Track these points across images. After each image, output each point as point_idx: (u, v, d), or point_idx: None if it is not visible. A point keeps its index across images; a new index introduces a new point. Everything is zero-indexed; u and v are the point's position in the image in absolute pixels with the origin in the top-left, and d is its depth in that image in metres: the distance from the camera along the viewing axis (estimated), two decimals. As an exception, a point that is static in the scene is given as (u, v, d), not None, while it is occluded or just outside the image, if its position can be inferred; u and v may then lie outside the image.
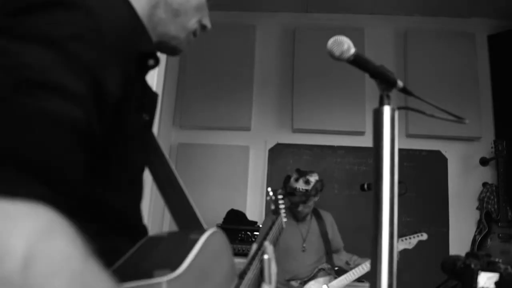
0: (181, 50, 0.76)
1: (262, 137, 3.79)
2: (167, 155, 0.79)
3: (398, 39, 3.91)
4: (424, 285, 2.81)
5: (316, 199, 2.53)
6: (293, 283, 2.46)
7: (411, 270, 3.10)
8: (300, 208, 2.49)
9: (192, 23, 0.73)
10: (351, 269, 2.48)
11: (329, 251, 2.66)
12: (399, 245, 2.49)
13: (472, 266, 1.00)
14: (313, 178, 2.48)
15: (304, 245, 2.56)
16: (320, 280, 2.45)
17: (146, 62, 0.62)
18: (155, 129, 2.25)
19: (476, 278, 0.99)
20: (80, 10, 0.43)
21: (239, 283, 0.80)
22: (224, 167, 3.66)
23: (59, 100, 0.37)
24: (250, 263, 0.89)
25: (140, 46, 0.60)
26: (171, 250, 0.64)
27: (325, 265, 2.53)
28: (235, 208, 3.42)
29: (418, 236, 2.51)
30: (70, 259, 0.33)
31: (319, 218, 2.68)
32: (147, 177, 0.75)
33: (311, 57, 3.70)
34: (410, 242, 2.51)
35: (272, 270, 0.93)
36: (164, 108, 3.43)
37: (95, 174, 0.49)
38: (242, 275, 0.83)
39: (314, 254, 2.56)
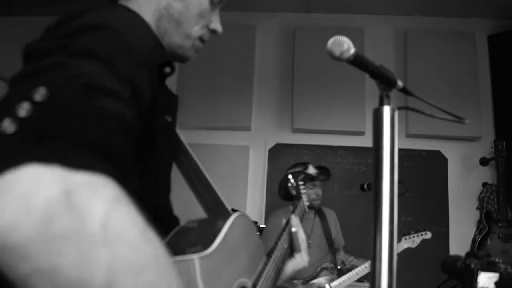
0: (189, 57, 0.80)
1: (262, 137, 3.79)
2: (191, 151, 0.88)
3: (398, 39, 3.91)
4: (424, 285, 2.81)
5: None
6: (295, 281, 2.46)
7: (411, 270, 3.10)
8: (319, 192, 2.59)
9: (196, 30, 0.76)
10: (346, 269, 2.49)
11: (332, 250, 2.66)
12: (403, 244, 2.49)
13: (472, 266, 1.00)
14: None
15: (310, 241, 2.56)
16: (322, 279, 2.45)
17: (163, 70, 0.68)
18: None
19: (476, 278, 0.99)
20: (114, 31, 0.53)
21: (267, 261, 0.88)
22: (224, 167, 3.66)
23: (113, 101, 0.47)
24: (276, 243, 0.97)
25: (159, 57, 0.67)
26: (202, 232, 0.70)
27: (328, 264, 2.53)
28: (235, 208, 3.41)
29: (422, 234, 2.51)
30: (137, 221, 0.41)
31: (322, 216, 2.69)
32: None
33: (311, 57, 3.70)
34: (414, 240, 2.50)
35: (300, 239, 1.04)
36: (164, 108, 3.43)
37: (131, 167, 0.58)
38: (270, 254, 0.92)
39: (317, 252, 2.56)
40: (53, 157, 0.38)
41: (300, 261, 1.03)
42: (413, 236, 2.51)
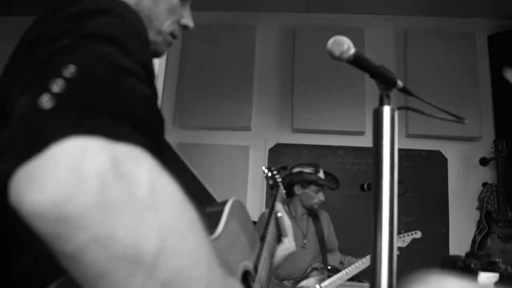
0: (161, 52, 0.81)
1: (262, 137, 3.79)
2: (175, 146, 0.89)
3: (398, 39, 3.91)
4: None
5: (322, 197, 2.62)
6: (286, 283, 2.46)
7: (411, 270, 3.10)
8: (321, 197, 2.57)
9: (166, 26, 0.78)
10: (344, 268, 2.47)
11: (324, 251, 2.66)
12: None
13: (472, 266, 1.00)
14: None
15: (305, 241, 2.56)
16: (312, 280, 2.44)
17: None
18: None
19: (476, 278, 0.99)
20: (119, 16, 0.54)
21: (262, 245, 0.91)
22: (224, 167, 3.66)
23: (135, 80, 0.48)
24: (266, 228, 1.00)
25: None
26: (205, 220, 0.69)
27: (318, 265, 2.52)
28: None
29: (412, 234, 2.50)
30: (177, 189, 0.43)
31: (315, 217, 2.69)
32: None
33: (311, 57, 3.70)
34: (404, 240, 2.50)
35: (286, 224, 1.07)
36: (164, 108, 3.43)
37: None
38: (262, 238, 0.94)
39: (309, 253, 2.57)
40: (96, 129, 0.39)
41: (289, 245, 1.05)
42: (403, 236, 2.50)
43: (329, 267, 2.63)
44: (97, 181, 0.36)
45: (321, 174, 2.58)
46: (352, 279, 2.50)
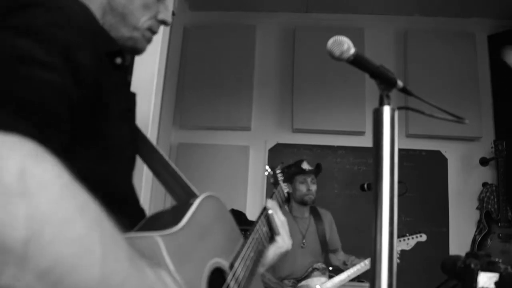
0: (141, 49, 0.81)
1: (262, 137, 3.79)
2: (156, 145, 0.87)
3: (398, 39, 3.91)
4: (424, 285, 2.80)
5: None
6: (286, 282, 2.46)
7: (411, 270, 3.10)
8: (311, 187, 2.56)
9: (143, 22, 0.77)
10: (347, 269, 2.46)
11: (325, 251, 2.66)
12: (397, 246, 2.45)
13: (472, 266, 1.00)
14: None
15: (304, 241, 2.56)
16: (314, 280, 2.43)
17: (114, 60, 0.69)
18: (155, 129, 2.24)
19: (476, 278, 0.99)
20: (52, 8, 0.56)
21: (245, 242, 0.86)
22: (224, 167, 3.66)
23: (42, 69, 0.50)
24: (254, 226, 0.94)
25: (106, 44, 0.69)
26: (172, 215, 0.69)
27: (320, 265, 2.51)
28: (235, 208, 3.42)
29: (417, 237, 2.46)
30: (60, 176, 0.40)
31: (317, 217, 2.68)
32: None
33: (311, 57, 3.70)
34: (408, 243, 2.45)
35: (278, 222, 1.00)
36: (164, 108, 3.42)
37: (82, 144, 0.60)
38: (246, 236, 0.89)
39: (310, 253, 2.56)
40: None
41: (282, 243, 0.99)
42: (408, 238, 2.45)
43: (330, 268, 2.63)
44: None
45: (304, 165, 2.56)
46: (352, 279, 2.49)
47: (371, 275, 0.60)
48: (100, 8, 0.73)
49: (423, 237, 2.47)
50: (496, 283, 0.98)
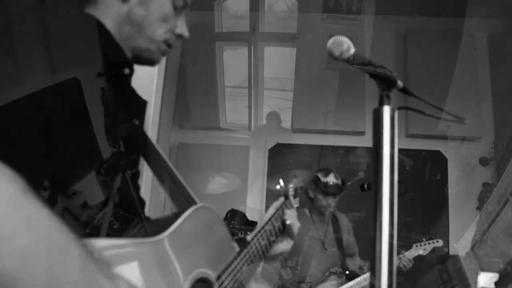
0: (156, 60, 0.82)
1: (262, 137, 3.78)
2: (161, 150, 0.89)
3: (398, 39, 3.90)
4: (424, 286, 2.81)
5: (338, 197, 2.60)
6: (303, 285, 2.44)
7: (411, 270, 3.10)
8: (330, 201, 2.53)
9: (160, 34, 0.78)
10: (363, 274, 2.44)
11: (343, 255, 2.65)
12: (414, 251, 2.47)
13: (472, 266, 1.00)
14: (339, 177, 2.55)
15: (325, 246, 2.56)
16: (329, 284, 2.43)
17: (122, 71, 0.71)
18: (155, 129, 2.23)
19: (476, 278, 0.99)
20: None
21: (238, 255, 0.87)
22: (224, 167, 3.66)
23: None
24: (252, 239, 0.97)
25: (112, 56, 0.70)
26: (161, 224, 0.70)
27: (336, 269, 2.51)
28: (235, 208, 3.41)
29: (433, 242, 2.51)
30: (8, 187, 0.40)
31: (335, 221, 2.68)
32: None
33: (311, 57, 3.69)
34: (425, 248, 2.50)
35: (294, 230, 1.13)
36: (164, 108, 3.42)
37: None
38: (241, 249, 0.91)
39: (328, 258, 2.56)
40: None
41: (287, 246, 1.12)
42: (425, 244, 2.51)
43: (347, 272, 2.61)
44: None
45: (330, 178, 2.56)
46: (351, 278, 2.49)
47: (370, 275, 0.60)
48: (117, 17, 0.74)
49: (439, 243, 2.53)
50: (496, 283, 0.98)
